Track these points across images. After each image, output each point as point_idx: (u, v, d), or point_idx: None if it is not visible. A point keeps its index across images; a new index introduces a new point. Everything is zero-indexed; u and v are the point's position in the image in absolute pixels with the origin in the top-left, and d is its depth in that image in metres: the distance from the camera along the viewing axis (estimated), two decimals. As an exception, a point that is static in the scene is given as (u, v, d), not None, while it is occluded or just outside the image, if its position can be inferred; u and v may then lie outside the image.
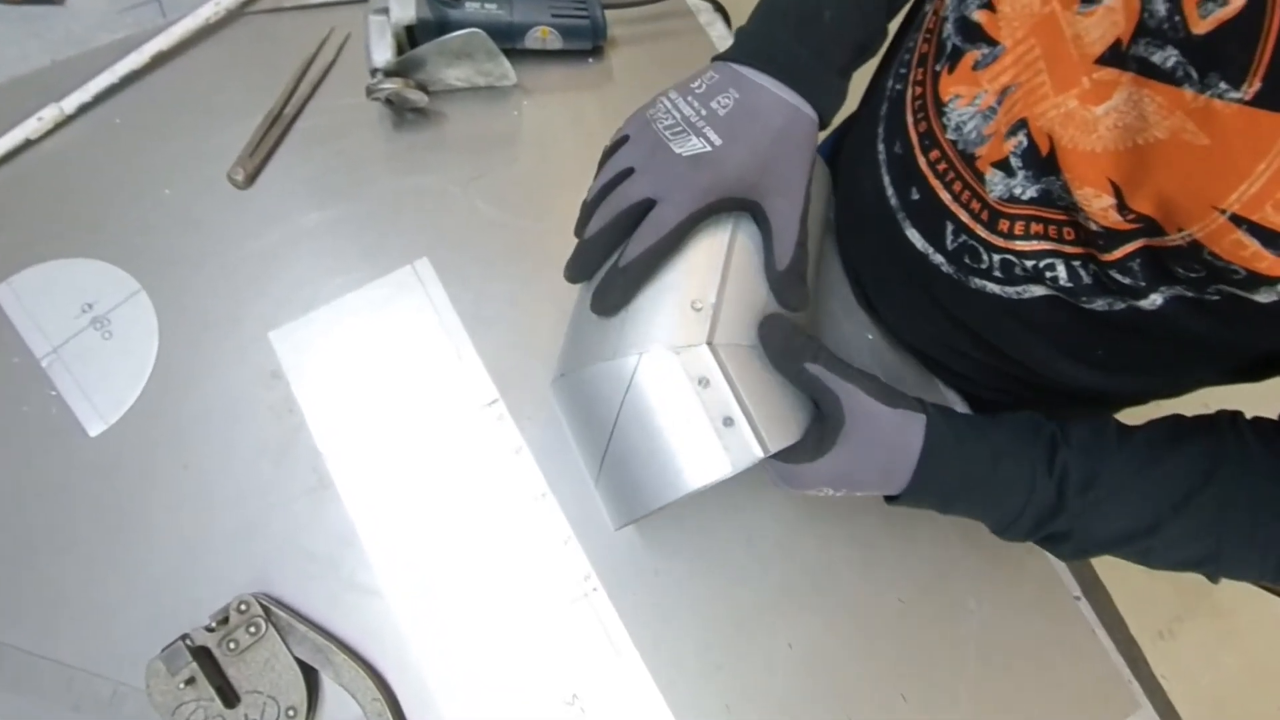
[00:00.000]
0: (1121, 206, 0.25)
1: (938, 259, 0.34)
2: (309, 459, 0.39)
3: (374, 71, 0.42)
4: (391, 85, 0.42)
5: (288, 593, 0.37)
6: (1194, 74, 0.22)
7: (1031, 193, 0.28)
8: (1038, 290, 0.31)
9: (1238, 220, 0.21)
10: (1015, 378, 0.38)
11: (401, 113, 0.46)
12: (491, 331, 0.42)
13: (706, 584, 0.39)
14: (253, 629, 0.34)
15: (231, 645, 0.34)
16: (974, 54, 0.29)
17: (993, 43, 0.29)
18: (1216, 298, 0.25)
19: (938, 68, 0.32)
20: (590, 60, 0.48)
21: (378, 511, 0.38)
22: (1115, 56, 0.24)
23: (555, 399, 0.35)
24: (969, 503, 0.31)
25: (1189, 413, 0.32)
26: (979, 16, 0.29)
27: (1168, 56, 0.22)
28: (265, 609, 0.35)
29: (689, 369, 0.30)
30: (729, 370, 0.30)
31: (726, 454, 0.29)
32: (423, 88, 0.44)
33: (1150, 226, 0.24)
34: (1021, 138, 0.28)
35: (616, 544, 0.39)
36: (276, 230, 0.43)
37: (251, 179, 0.44)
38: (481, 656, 0.37)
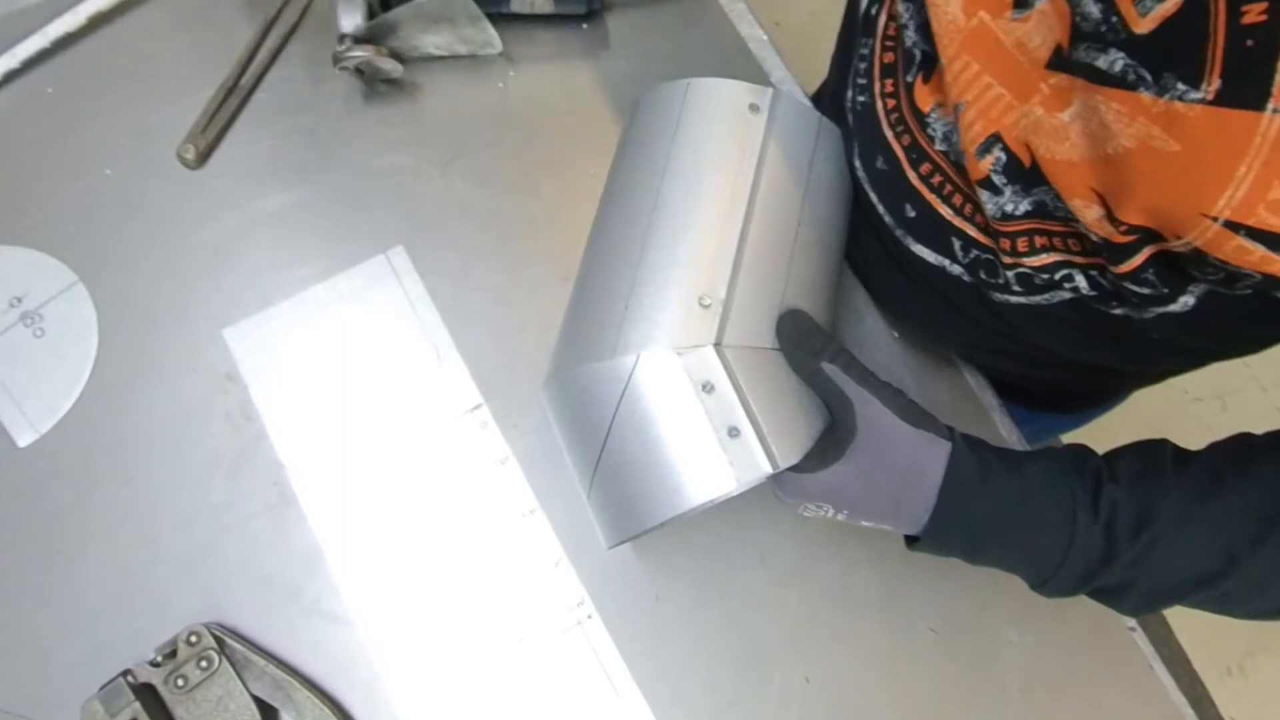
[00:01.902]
0: (1111, 219, 0.26)
1: (956, 270, 0.35)
2: (269, 472, 0.40)
3: (342, 38, 0.43)
4: (361, 53, 0.43)
5: (244, 622, 0.38)
6: (1147, 76, 0.23)
7: (1025, 206, 0.30)
8: (1065, 295, 0.32)
9: (1233, 226, 0.22)
10: (1067, 367, 0.39)
11: (373, 84, 0.47)
12: (474, 329, 0.43)
13: (715, 611, 0.40)
14: (204, 663, 0.35)
15: (180, 682, 0.35)
16: (940, 63, 0.31)
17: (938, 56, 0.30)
18: (1249, 291, 0.26)
19: (909, 78, 0.33)
20: (584, 26, 0.49)
21: (346, 531, 0.39)
22: (1061, 62, 0.25)
23: (546, 402, 0.36)
24: (1001, 548, 0.31)
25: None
26: (932, 25, 0.31)
27: (1114, 60, 0.23)
28: (218, 640, 0.35)
29: (692, 372, 0.31)
30: (736, 375, 0.31)
31: (731, 468, 0.30)
32: (397, 56, 0.45)
33: (1150, 235, 0.26)
34: (998, 153, 0.29)
35: (613, 566, 0.40)
36: (232, 215, 0.44)
37: (204, 157, 0.45)
38: (462, 692, 0.37)
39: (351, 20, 0.43)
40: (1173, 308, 0.28)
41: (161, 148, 0.45)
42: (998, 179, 0.30)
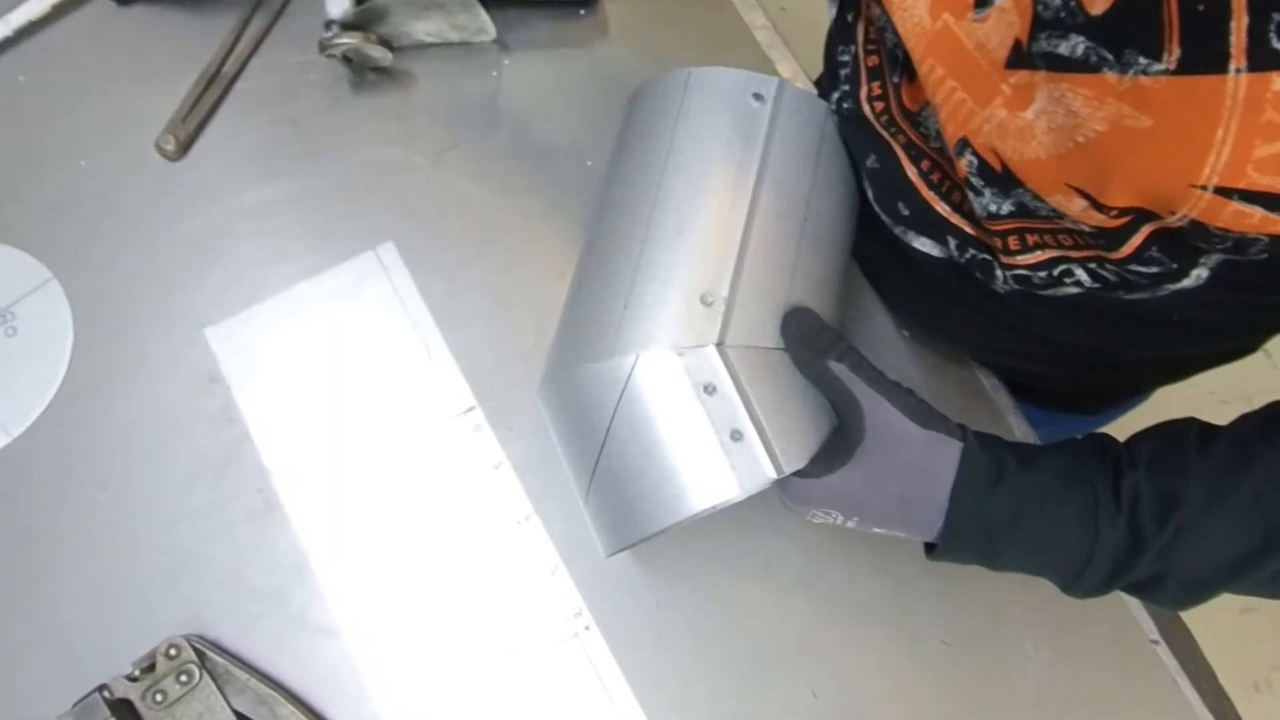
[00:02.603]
0: (1098, 206, 0.27)
1: (961, 260, 0.35)
2: (253, 477, 0.40)
3: (329, 24, 0.44)
4: (349, 40, 0.43)
5: (226, 634, 0.38)
6: (1108, 56, 0.24)
7: (1008, 207, 0.30)
8: (1070, 290, 0.32)
9: (1225, 192, 0.23)
10: (1086, 364, 0.40)
11: (361, 72, 0.47)
12: (467, 328, 0.43)
13: (717, 622, 0.40)
14: (184, 678, 0.35)
15: (158, 697, 0.35)
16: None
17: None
18: (1265, 255, 0.26)
19: (895, 79, 0.34)
20: (582, 12, 0.50)
21: (334, 538, 0.40)
22: (1020, 57, 0.26)
23: (541, 404, 0.36)
24: (1021, 551, 0.31)
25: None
26: (898, 29, 0.31)
27: (1075, 45, 0.24)
28: (199, 653, 0.36)
29: (693, 373, 0.31)
30: (739, 376, 0.31)
31: (733, 473, 0.30)
32: (386, 43, 0.45)
33: (1144, 214, 0.26)
34: (970, 157, 0.30)
35: (612, 575, 0.40)
36: (214, 209, 0.44)
37: (184, 149, 0.45)
38: (453, 707, 0.38)
39: (339, 5, 0.43)
40: (1185, 283, 0.28)
41: (140, 139, 0.45)
42: (976, 181, 0.31)
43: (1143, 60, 0.23)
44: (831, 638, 0.40)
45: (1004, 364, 0.45)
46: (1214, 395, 1.18)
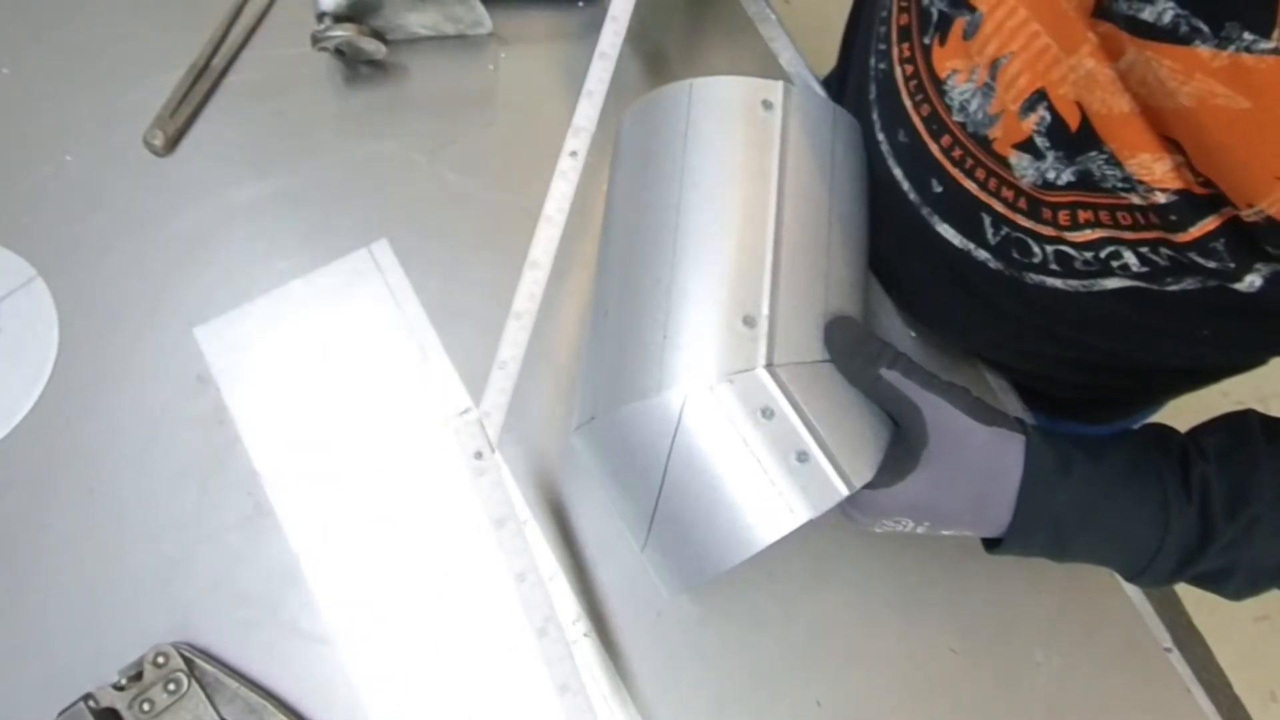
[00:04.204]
0: (1190, 167, 0.25)
1: (982, 255, 0.35)
2: (243, 481, 0.40)
3: (321, 15, 0.44)
4: (342, 33, 0.44)
5: (216, 642, 0.38)
6: (1204, 27, 0.22)
7: (1068, 176, 0.29)
8: (1110, 283, 0.32)
9: None
10: (1103, 368, 0.39)
11: (354, 66, 0.47)
12: (463, 327, 0.43)
13: (719, 629, 0.40)
14: (172, 686, 0.35)
15: (145, 706, 0.35)
16: (961, 21, 0.31)
17: (973, 8, 0.30)
18: None
19: (926, 40, 0.33)
20: (580, 4, 0.50)
21: (326, 543, 0.40)
22: (1104, 10, 0.25)
23: (581, 450, 0.36)
24: (1090, 540, 0.32)
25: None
26: None
27: (1161, 11, 0.23)
28: (187, 661, 0.36)
29: (747, 399, 0.31)
30: (794, 396, 0.31)
31: (803, 496, 0.30)
32: (380, 36, 0.45)
33: (1222, 196, 0.25)
34: (1043, 112, 0.29)
35: (611, 582, 0.40)
36: (203, 206, 0.45)
37: (173, 144, 0.45)
38: (449, 715, 0.38)
39: (332, -3, 0.44)
40: (1238, 286, 0.27)
41: (127, 132, 0.45)
42: (1040, 141, 0.29)
43: (1247, 36, 0.21)
44: (836, 645, 0.40)
45: (1014, 364, 0.45)
46: (1228, 396, 1.17)
